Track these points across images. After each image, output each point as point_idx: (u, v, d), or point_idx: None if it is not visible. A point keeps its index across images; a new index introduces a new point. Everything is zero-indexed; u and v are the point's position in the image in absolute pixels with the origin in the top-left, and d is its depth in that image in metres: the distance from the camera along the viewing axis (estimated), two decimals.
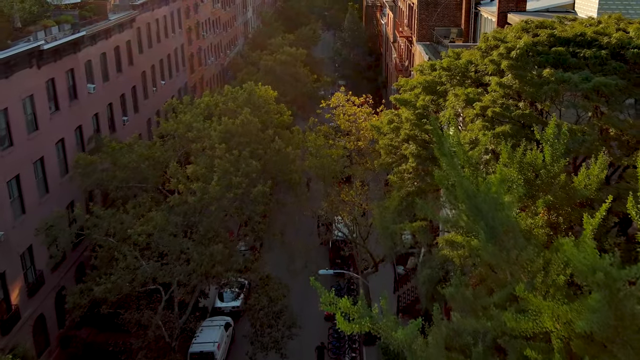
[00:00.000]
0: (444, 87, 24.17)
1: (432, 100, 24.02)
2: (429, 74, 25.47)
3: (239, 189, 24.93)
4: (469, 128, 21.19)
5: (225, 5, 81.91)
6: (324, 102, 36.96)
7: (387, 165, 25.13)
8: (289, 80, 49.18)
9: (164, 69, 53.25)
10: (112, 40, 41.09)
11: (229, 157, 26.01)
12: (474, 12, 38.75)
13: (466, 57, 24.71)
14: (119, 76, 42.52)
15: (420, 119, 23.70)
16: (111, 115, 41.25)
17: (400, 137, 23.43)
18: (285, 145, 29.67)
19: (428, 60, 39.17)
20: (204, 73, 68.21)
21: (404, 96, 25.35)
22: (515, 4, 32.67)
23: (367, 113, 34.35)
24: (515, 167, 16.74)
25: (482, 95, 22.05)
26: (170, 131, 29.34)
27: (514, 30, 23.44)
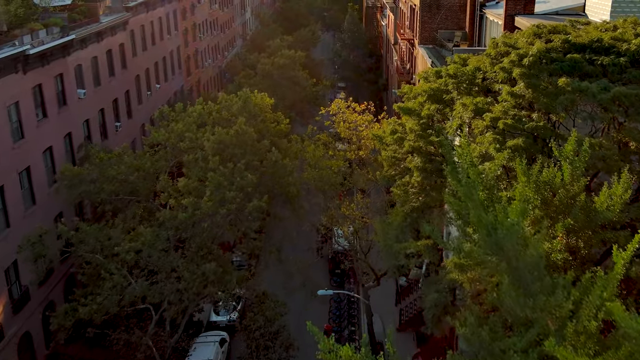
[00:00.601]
0: (450, 95, 22.78)
1: (437, 109, 22.64)
2: (434, 81, 24.07)
3: (232, 204, 23.51)
4: (478, 140, 19.80)
5: (223, 6, 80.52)
6: (323, 108, 35.51)
7: (390, 178, 23.74)
8: (287, 84, 47.78)
9: (159, 72, 51.86)
10: (104, 43, 39.71)
11: (222, 169, 24.55)
12: (478, 15, 37.37)
13: (474, 63, 23.33)
14: (111, 80, 41.13)
15: (425, 130, 22.31)
16: (103, 121, 39.86)
17: (404, 149, 22.05)
18: (283, 156, 28.20)
19: (431, 64, 37.79)
20: (201, 75, 66.83)
21: (407, 105, 23.96)
22: (523, 7, 31.29)
23: (368, 121, 32.93)
24: (531, 187, 15.37)
25: (492, 105, 20.67)
26: (162, 141, 27.93)
27: (525, 36, 22.06)
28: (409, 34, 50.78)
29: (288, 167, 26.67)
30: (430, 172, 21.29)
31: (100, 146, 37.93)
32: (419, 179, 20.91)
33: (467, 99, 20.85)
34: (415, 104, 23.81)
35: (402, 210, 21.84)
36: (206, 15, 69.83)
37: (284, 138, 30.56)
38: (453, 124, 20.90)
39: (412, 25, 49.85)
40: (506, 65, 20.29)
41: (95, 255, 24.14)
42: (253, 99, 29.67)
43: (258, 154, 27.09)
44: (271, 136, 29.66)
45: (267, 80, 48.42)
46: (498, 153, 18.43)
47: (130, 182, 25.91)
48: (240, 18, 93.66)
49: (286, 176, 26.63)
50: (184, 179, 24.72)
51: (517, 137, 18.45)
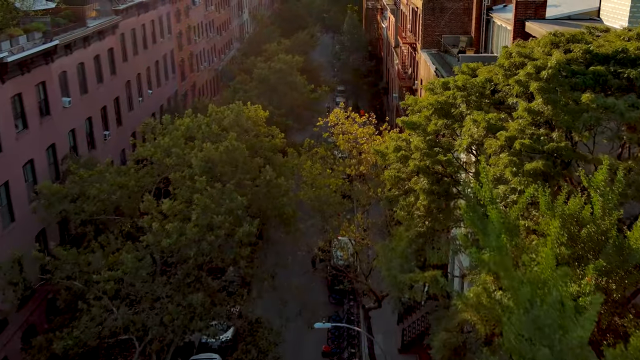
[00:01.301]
0: (459, 110, 20.91)
1: (445, 124, 20.76)
2: (441, 93, 22.20)
3: (221, 229, 21.61)
4: (492, 162, 17.94)
5: (220, 8, 78.61)
6: (320, 119, 33.55)
7: (393, 198, 21.87)
8: (284, 89, 45.89)
9: (151, 77, 49.95)
10: (91, 48, 37.80)
11: (210, 190, 22.60)
12: (485, 19, 35.50)
13: (484, 74, 21.47)
14: (99, 87, 39.23)
15: (432, 147, 20.45)
16: (90, 130, 37.95)
17: (409, 168, 20.18)
18: (278, 173, 26.23)
19: (435, 71, 35.92)
20: (196, 79, 64.94)
21: (412, 119, 22.10)
22: (534, 11, 29.42)
23: (369, 134, 30.99)
24: (557, 222, 13.51)
25: (506, 121, 18.82)
26: (147, 156, 26.04)
27: (541, 45, 20.19)
28: (410, 37, 48.90)
29: (282, 186, 24.69)
30: (437, 194, 19.41)
31: (87, 156, 36.18)
32: (425, 202, 19.04)
33: (478, 115, 18.98)
34: (421, 117, 21.94)
35: (407, 236, 19.96)
36: (202, 17, 67.93)
37: (279, 152, 28.57)
38: (463, 142, 19.04)
39: (414, 28, 47.97)
40: (522, 79, 18.43)
41: (73, 282, 22.29)
42: (246, 111, 27.68)
43: (250, 171, 25.09)
44: (265, 151, 27.67)
45: (263, 86, 46.55)
46: (515, 178, 16.56)
47: (113, 201, 24.02)
48: (237, 19, 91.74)
49: (280, 196, 24.68)
50: (169, 200, 22.78)
51: (537, 160, 16.57)
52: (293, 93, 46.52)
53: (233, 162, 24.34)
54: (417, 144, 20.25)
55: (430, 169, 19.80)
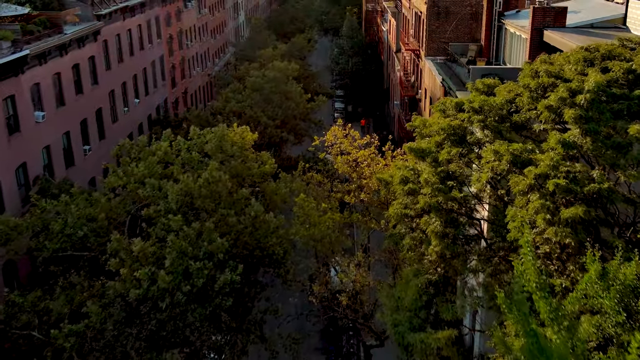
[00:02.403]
0: (475, 137, 18.04)
1: (460, 153, 17.89)
2: (454, 115, 19.33)
3: (199, 278, 18.71)
4: (518, 203, 15.06)
5: (214, 10, 75.71)
6: (316, 138, 30.64)
7: (399, 237, 19.00)
8: (278, 99, 43.04)
9: (138, 85, 47.03)
10: (68, 57, 34.90)
11: (187, 230, 19.67)
12: (496, 25, 32.64)
13: (503, 94, 18.60)
14: (78, 99, 36.32)
15: (444, 180, 17.56)
16: (68, 145, 35.05)
17: (418, 205, 17.31)
18: (268, 202, 23.34)
19: (442, 82, 33.08)
20: (188, 86, 62.02)
21: (420, 144, 19.22)
22: (553, 18, 26.58)
23: (371, 157, 28.04)
24: (612, 296, 10.67)
25: (534, 152, 15.97)
26: (119, 185, 23.10)
27: (572, 62, 17.33)
28: (413, 43, 46.04)
29: (271, 223, 21.71)
30: (452, 238, 16.55)
31: (64, 176, 33.32)
32: (437, 249, 16.17)
33: (501, 145, 16.11)
34: (431, 144, 19.06)
35: (416, 284, 17.09)
36: (194, 20, 65.00)
37: (270, 178, 25.59)
38: (482, 177, 16.17)
39: (417, 34, 45.12)
40: (554, 104, 15.56)
41: (32, 332, 19.45)
42: (231, 135, 24.61)
43: (235, 205, 22.12)
44: (255, 178, 24.68)
45: (257, 95, 43.64)
46: (550, 227, 13.69)
47: (80, 237, 21.17)
48: (233, 22, 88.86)
49: (269, 234, 21.73)
50: (140, 241, 19.83)
51: (575, 205, 13.70)
52: (289, 103, 43.63)
53: (214, 195, 21.38)
54: (428, 177, 17.36)
55: (443, 207, 16.92)
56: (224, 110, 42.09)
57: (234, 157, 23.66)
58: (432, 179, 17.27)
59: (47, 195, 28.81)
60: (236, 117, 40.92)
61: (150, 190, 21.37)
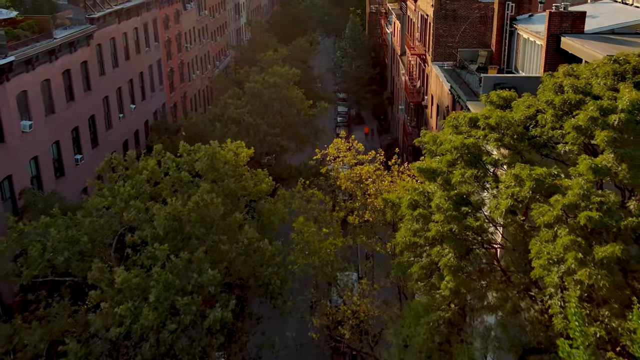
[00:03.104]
0: (492, 157, 16.39)
1: (475, 175, 16.23)
2: (468, 132, 17.69)
3: (187, 314, 17.06)
4: (543, 236, 13.40)
5: (214, 12, 74.12)
6: (318, 150, 28.89)
7: (407, 266, 17.34)
8: (279, 106, 41.39)
9: (134, 90, 45.46)
10: (59, 63, 33.34)
11: (174, 261, 17.97)
12: (508, 31, 30.95)
13: (522, 110, 16.94)
14: (70, 106, 34.76)
15: (458, 206, 15.92)
16: (58, 155, 33.49)
17: (430, 234, 15.66)
18: (266, 223, 21.63)
19: (450, 90, 31.40)
20: (188, 90, 60.48)
21: (430, 164, 17.57)
22: (571, 24, 24.90)
23: (376, 175, 26.25)
24: None
25: (559, 177, 14.31)
26: (103, 206, 21.36)
27: (600, 75, 15.68)
28: (419, 48, 44.37)
29: (267, 251, 19.96)
30: (468, 272, 14.90)
31: (53, 188, 31.79)
32: (452, 285, 14.51)
33: (522, 169, 14.45)
34: (442, 163, 17.41)
35: (427, 322, 15.45)
36: (193, 22, 63.44)
37: (267, 197, 23.82)
38: (501, 205, 14.49)
39: (423, 38, 43.46)
40: (583, 124, 13.90)
41: None
42: (223, 152, 22.78)
43: (228, 231, 20.39)
44: (251, 197, 22.99)
45: (256, 101, 42.02)
46: (582, 268, 12.04)
47: (61, 262, 19.54)
48: (234, 24, 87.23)
49: (265, 262, 20.00)
50: (123, 270, 18.14)
51: (612, 243, 12.05)
52: (289, 109, 41.99)
53: (205, 220, 19.71)
54: (440, 203, 15.70)
55: (457, 236, 15.26)
56: (222, 117, 40.47)
57: (227, 176, 21.91)
58: (445, 205, 15.62)
59: (33, 209, 27.32)
60: (234, 124, 39.30)
61: (135, 214, 19.72)
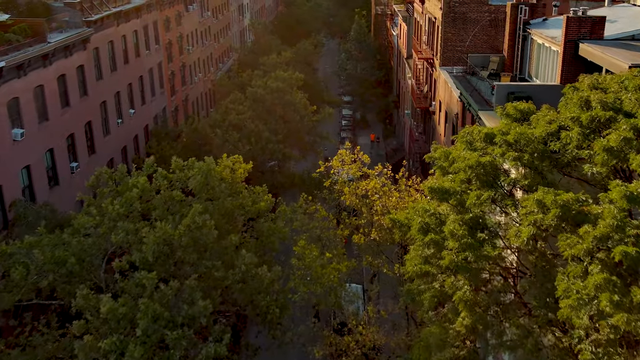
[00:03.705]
0: (511, 178, 15.04)
1: (492, 198, 14.88)
2: (483, 148, 16.35)
3: (177, 349, 15.78)
4: (571, 271, 12.06)
5: (217, 13, 72.90)
6: (322, 163, 27.43)
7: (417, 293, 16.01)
8: (282, 112, 40.09)
9: (133, 94, 44.24)
10: (53, 68, 32.12)
11: (163, 290, 16.62)
12: (521, 35, 29.55)
13: (543, 125, 15.58)
14: (65, 112, 33.55)
15: (474, 231, 14.57)
16: (53, 163, 32.29)
17: (443, 262, 14.32)
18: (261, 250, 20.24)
19: (459, 97, 30.04)
20: (189, 93, 59.25)
21: (443, 184, 16.23)
22: (590, 29, 23.51)
23: (383, 191, 24.82)
24: None
25: (587, 203, 12.97)
26: (90, 226, 19.97)
27: (630, 88, 14.32)
28: (427, 51, 42.99)
29: (265, 278, 18.55)
30: (485, 307, 13.56)
31: (48, 196, 30.63)
32: (468, 322, 13.18)
33: (546, 194, 13.10)
34: (455, 183, 16.08)
35: None
36: (196, 24, 62.23)
37: (267, 214, 22.44)
38: (522, 233, 13.15)
39: (431, 41, 42.09)
40: (614, 145, 12.55)
41: None
42: (219, 169, 21.38)
43: (223, 255, 19.03)
44: (249, 215, 21.63)
45: (258, 106, 40.74)
46: (618, 312, 10.68)
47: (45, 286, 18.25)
48: (237, 25, 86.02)
49: (263, 289, 18.62)
50: (109, 299, 16.83)
51: None
52: (292, 115, 40.69)
53: (198, 243, 18.40)
54: (454, 229, 14.35)
55: (473, 265, 13.92)
56: (222, 123, 39.20)
57: (223, 195, 20.50)
58: (459, 231, 14.27)
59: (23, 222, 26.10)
60: (236, 130, 38.03)
61: (124, 236, 18.44)
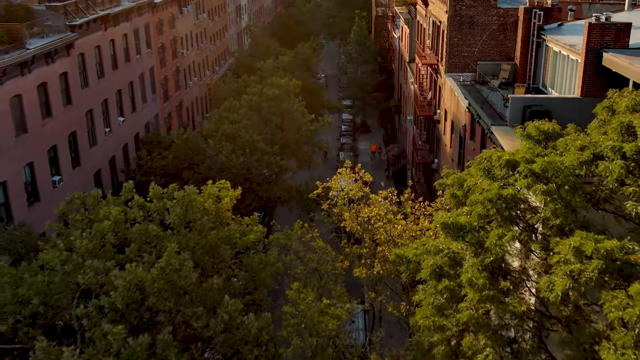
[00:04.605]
0: (539, 216, 12.94)
1: (517, 238, 12.79)
2: (504, 178, 14.25)
3: None
4: (617, 339, 9.98)
5: (214, 15, 70.82)
6: (319, 183, 25.12)
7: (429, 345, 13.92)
8: (278, 121, 37.98)
9: (123, 102, 42.14)
10: (33, 76, 30.04)
11: (132, 345, 14.28)
12: (535, 42, 27.44)
13: (574, 153, 13.48)
14: (46, 123, 31.46)
15: (494, 278, 12.47)
16: (32, 178, 30.21)
17: (460, 317, 12.22)
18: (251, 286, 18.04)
19: (468, 107, 27.93)
20: (184, 98, 57.16)
21: (458, 218, 14.10)
22: (614, 37, 21.40)
23: (387, 219, 22.60)
24: None
25: (633, 251, 10.89)
26: (55, 264, 17.64)
27: None
28: (431, 57, 40.88)
29: (252, 328, 16.30)
30: None
31: (26, 214, 28.58)
32: None
33: (585, 241, 11.00)
34: (473, 217, 13.97)
35: None
36: (191, 26, 60.14)
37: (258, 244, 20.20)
38: (556, 286, 11.04)
39: (435, 46, 40.00)
40: None
41: None
42: (201, 199, 18.96)
43: (204, 299, 16.85)
44: (237, 248, 19.38)
45: (254, 115, 38.62)
46: None
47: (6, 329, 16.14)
48: (235, 27, 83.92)
49: (250, 340, 16.40)
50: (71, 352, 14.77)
51: None
52: (290, 124, 38.57)
53: (176, 288, 16.19)
54: (473, 277, 12.25)
55: (496, 323, 11.81)
56: (215, 133, 37.08)
57: (206, 229, 18.14)
58: (479, 280, 12.16)
59: None
60: (229, 141, 35.92)
61: (92, 276, 16.29)
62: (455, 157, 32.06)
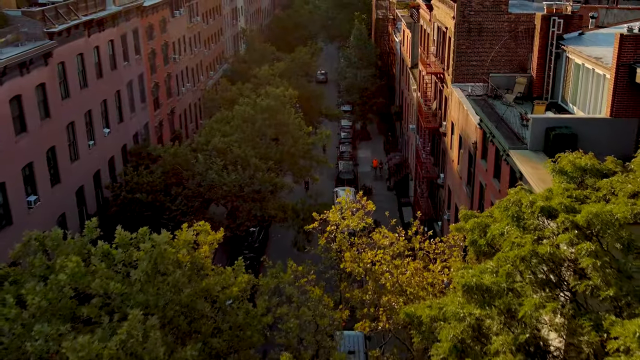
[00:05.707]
0: (587, 282, 10.50)
1: (559, 312, 10.36)
2: (539, 229, 11.82)
3: None
4: None
5: (208, 18, 68.38)
6: (316, 215, 22.55)
7: None
8: (273, 133, 35.54)
9: (109, 112, 39.63)
10: (5, 88, 27.56)
11: None
12: (554, 52, 24.97)
13: (625, 201, 11.07)
14: (20, 139, 28.98)
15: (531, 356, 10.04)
16: (4, 200, 27.74)
17: None
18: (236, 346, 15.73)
19: (479, 123, 25.48)
20: (176, 105, 54.67)
21: (482, 278, 11.66)
22: None
23: (393, 264, 20.00)
24: None
25: None
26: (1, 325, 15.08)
27: None
28: (436, 65, 38.44)
29: None
30: None
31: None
32: None
33: None
34: (501, 276, 11.53)
35: None
36: (183, 30, 57.67)
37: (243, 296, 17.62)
38: None
39: (441, 54, 37.55)
40: None
41: None
42: (172, 251, 16.11)
43: None
44: (218, 303, 16.81)
45: (247, 127, 36.14)
46: None
47: None
48: (230, 30, 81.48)
49: None
50: None
51: None
52: (285, 137, 36.12)
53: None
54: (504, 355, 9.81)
55: None
56: (206, 147, 34.61)
57: (179, 286, 15.47)
58: None
59: None
60: (220, 155, 33.47)
61: (43, 344, 13.80)
62: (464, 175, 29.62)
